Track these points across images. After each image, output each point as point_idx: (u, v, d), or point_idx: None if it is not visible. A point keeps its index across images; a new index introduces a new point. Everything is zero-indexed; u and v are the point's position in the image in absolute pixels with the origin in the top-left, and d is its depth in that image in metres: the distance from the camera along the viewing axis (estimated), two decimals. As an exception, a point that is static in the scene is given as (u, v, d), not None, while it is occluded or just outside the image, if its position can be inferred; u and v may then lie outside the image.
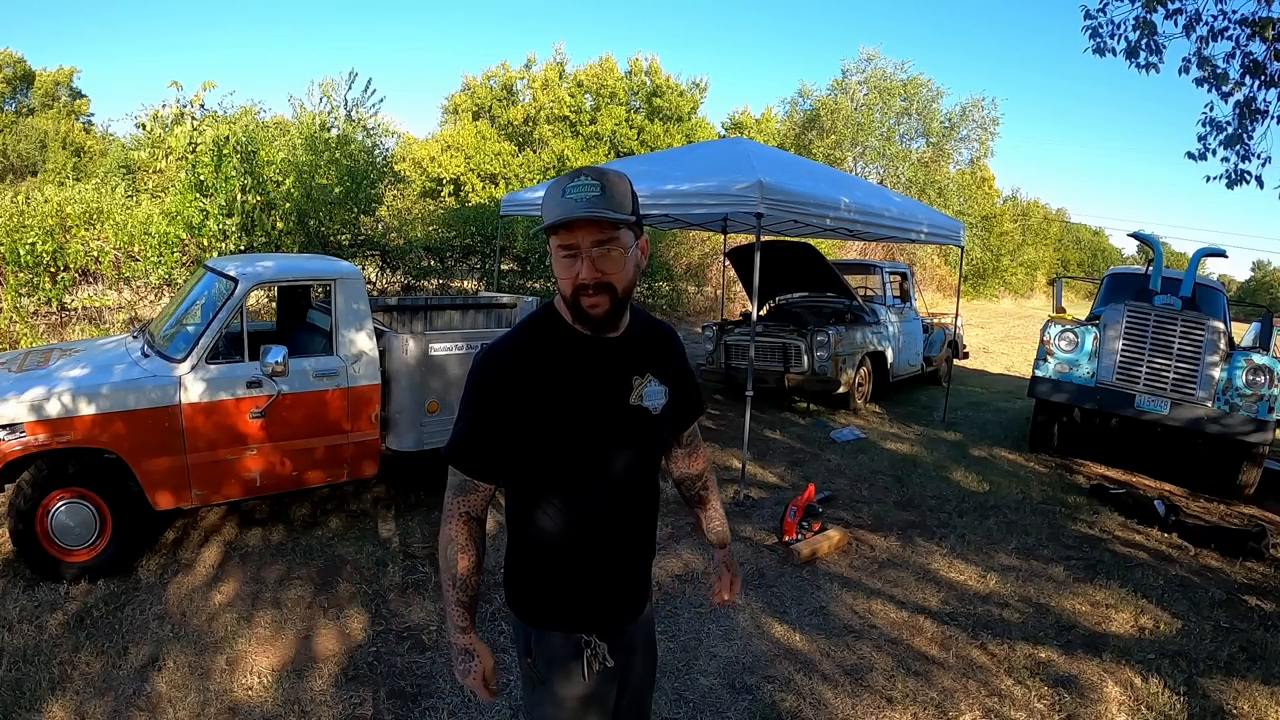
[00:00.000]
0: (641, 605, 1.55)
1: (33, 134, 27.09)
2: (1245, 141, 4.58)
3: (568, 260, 1.29)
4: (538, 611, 1.44)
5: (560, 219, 1.25)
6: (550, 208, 1.28)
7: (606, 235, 1.27)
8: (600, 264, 1.28)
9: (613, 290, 1.30)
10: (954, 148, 26.11)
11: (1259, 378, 5.41)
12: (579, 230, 1.26)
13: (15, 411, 3.13)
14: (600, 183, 1.26)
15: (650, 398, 1.43)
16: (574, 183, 1.27)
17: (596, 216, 1.24)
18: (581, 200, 1.25)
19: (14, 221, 6.73)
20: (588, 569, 1.43)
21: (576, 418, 1.36)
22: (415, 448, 4.18)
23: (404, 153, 22.13)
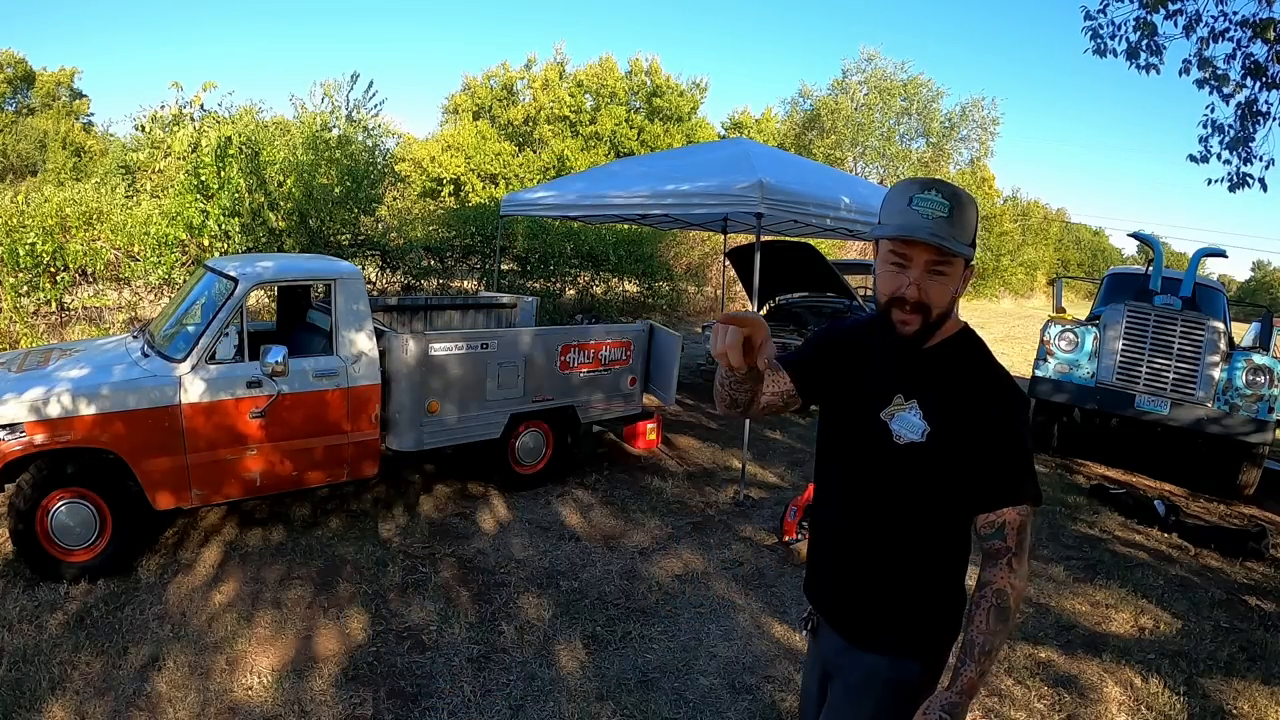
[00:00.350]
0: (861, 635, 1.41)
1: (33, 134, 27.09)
2: (1247, 144, 4.58)
3: (894, 270, 1.26)
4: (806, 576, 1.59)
5: (901, 234, 1.22)
6: (892, 213, 1.24)
7: (943, 260, 1.23)
8: (925, 285, 1.25)
9: (927, 312, 1.26)
10: (954, 148, 26.11)
11: (1259, 378, 5.41)
12: (917, 248, 1.23)
13: (15, 411, 3.13)
14: (951, 204, 1.21)
15: (901, 424, 1.32)
16: (924, 194, 1.21)
17: (940, 245, 1.20)
18: (928, 219, 1.20)
19: (14, 221, 6.72)
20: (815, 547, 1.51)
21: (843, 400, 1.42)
22: (415, 448, 4.18)
23: (404, 153, 22.13)
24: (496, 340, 4.41)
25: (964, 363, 1.33)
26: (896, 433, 1.31)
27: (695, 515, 4.54)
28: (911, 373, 1.34)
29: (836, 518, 1.44)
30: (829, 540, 1.47)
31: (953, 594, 1.39)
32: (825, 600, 1.49)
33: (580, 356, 4.81)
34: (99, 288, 7.59)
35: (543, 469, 4.86)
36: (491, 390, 4.40)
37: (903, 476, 1.32)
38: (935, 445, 1.29)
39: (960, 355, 1.34)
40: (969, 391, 1.30)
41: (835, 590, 1.46)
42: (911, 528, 1.34)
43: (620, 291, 12.98)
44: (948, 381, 1.31)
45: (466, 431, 4.36)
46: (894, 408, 1.33)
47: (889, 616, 1.38)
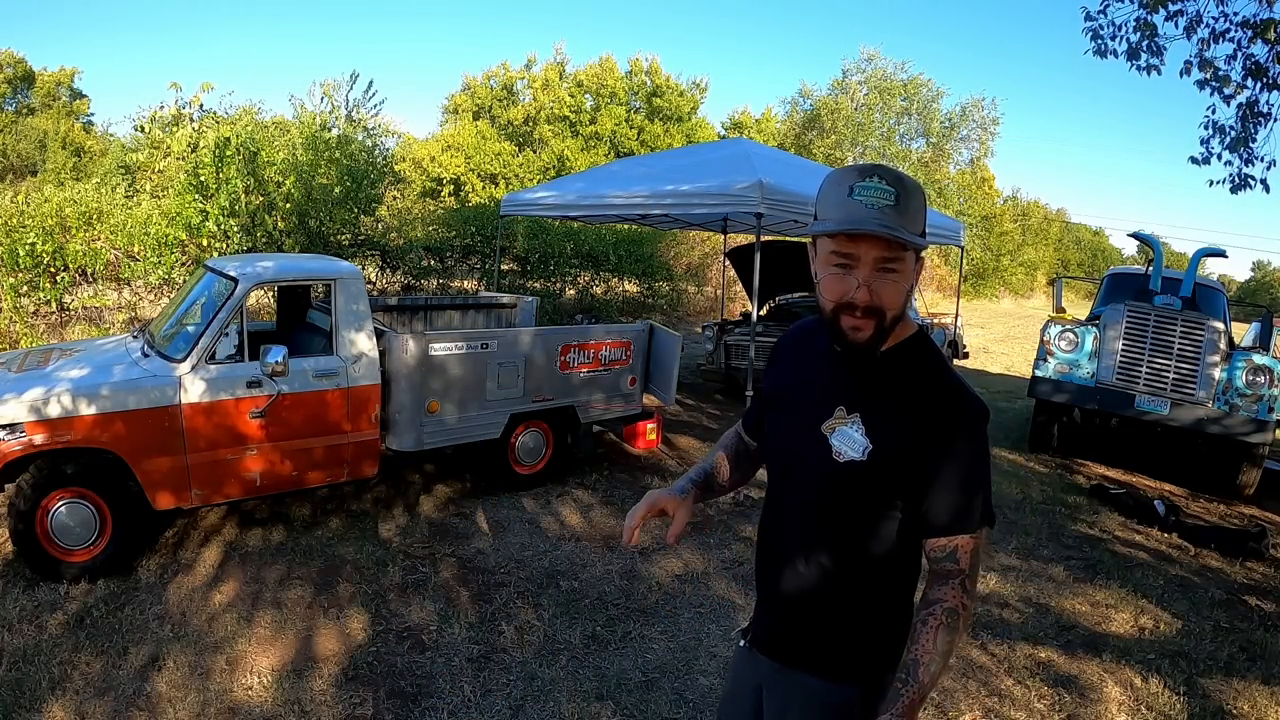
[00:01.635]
0: (799, 660, 1.30)
1: (33, 134, 27.09)
2: (1249, 145, 4.57)
3: (839, 273, 1.12)
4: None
5: (846, 229, 1.08)
6: (831, 206, 1.11)
7: (893, 255, 1.10)
8: (876, 286, 1.11)
9: (881, 316, 1.13)
10: (954, 148, 26.13)
11: (1259, 378, 5.41)
12: (863, 243, 1.09)
13: (15, 412, 3.12)
14: (897, 191, 1.08)
15: (841, 439, 1.19)
16: (865, 182, 1.08)
17: (890, 235, 1.06)
18: (872, 208, 1.07)
19: (14, 221, 6.72)
20: (759, 567, 1.39)
21: (785, 414, 1.32)
22: (415, 448, 4.18)
23: (404, 152, 22.15)
24: (496, 340, 4.41)
25: (914, 373, 1.20)
26: (836, 449, 1.19)
27: (695, 515, 4.54)
28: (856, 383, 1.21)
29: (775, 533, 1.34)
30: (767, 556, 1.36)
31: (897, 618, 1.27)
32: (761, 617, 1.39)
33: (580, 356, 4.81)
34: (99, 288, 7.59)
35: (543, 469, 4.86)
36: (491, 390, 4.40)
37: (842, 495, 1.21)
38: (877, 464, 1.17)
39: (910, 365, 1.20)
40: (918, 407, 1.17)
41: (770, 609, 1.36)
42: (851, 548, 1.23)
43: (620, 291, 12.98)
44: (895, 394, 1.18)
45: (466, 431, 4.36)
46: (835, 421, 1.20)
47: (826, 639, 1.28)
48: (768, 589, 1.36)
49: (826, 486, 1.22)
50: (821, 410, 1.23)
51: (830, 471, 1.20)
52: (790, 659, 1.31)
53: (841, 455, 1.19)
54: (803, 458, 1.25)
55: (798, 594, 1.29)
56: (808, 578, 1.27)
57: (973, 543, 1.17)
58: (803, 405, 1.27)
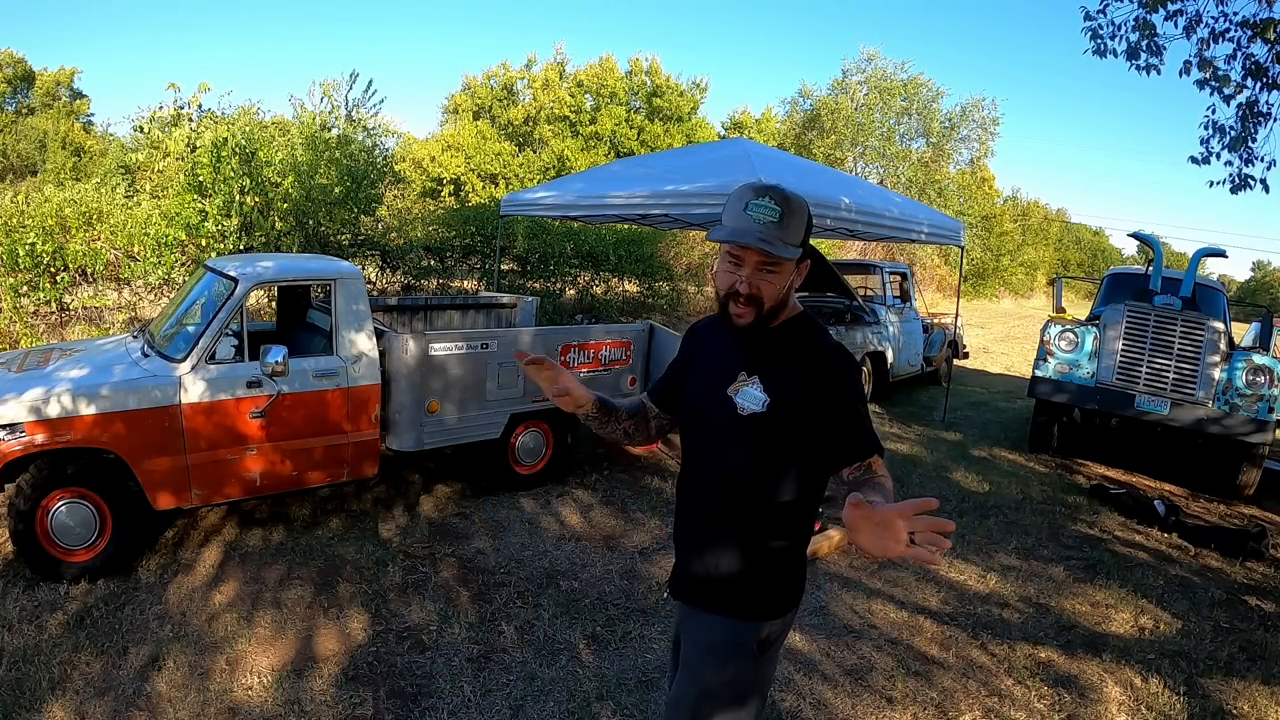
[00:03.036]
0: (705, 600, 1.53)
1: (33, 134, 27.08)
2: (1249, 145, 4.57)
3: (731, 267, 1.41)
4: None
5: (733, 239, 1.36)
6: (730, 216, 1.39)
7: (772, 261, 1.38)
8: (757, 281, 1.39)
9: (760, 305, 1.40)
10: (954, 148, 26.08)
11: (1259, 378, 5.41)
12: (748, 251, 1.37)
13: (15, 412, 3.12)
14: (782, 210, 1.35)
15: (744, 397, 1.44)
16: (759, 200, 1.36)
17: (766, 251, 1.35)
18: (758, 224, 1.35)
19: (14, 222, 6.72)
20: (676, 521, 1.63)
21: (696, 384, 1.57)
22: (415, 448, 4.18)
23: (404, 152, 22.13)
24: (496, 340, 4.41)
25: (799, 342, 1.46)
26: (740, 405, 1.43)
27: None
28: (754, 352, 1.47)
29: (689, 488, 1.57)
30: (683, 509, 1.60)
31: (794, 561, 1.52)
32: (678, 566, 1.62)
33: (580, 356, 4.81)
34: (99, 288, 7.58)
35: (543, 469, 4.86)
36: (491, 390, 4.40)
37: (747, 444, 1.44)
38: (775, 415, 1.41)
39: (795, 336, 1.47)
40: (804, 366, 1.43)
41: (686, 557, 1.58)
42: (755, 494, 1.45)
43: (620, 291, 12.97)
44: (785, 359, 1.44)
45: (466, 431, 4.36)
46: (738, 384, 1.46)
47: (733, 580, 1.49)
48: (684, 539, 1.59)
49: (733, 437, 1.45)
50: (727, 376, 1.48)
51: (736, 424, 1.44)
52: (702, 601, 1.54)
53: (744, 409, 1.43)
54: (712, 415, 1.49)
55: (709, 540, 1.52)
56: (718, 524, 1.50)
57: (880, 461, 1.38)
58: (711, 374, 1.52)
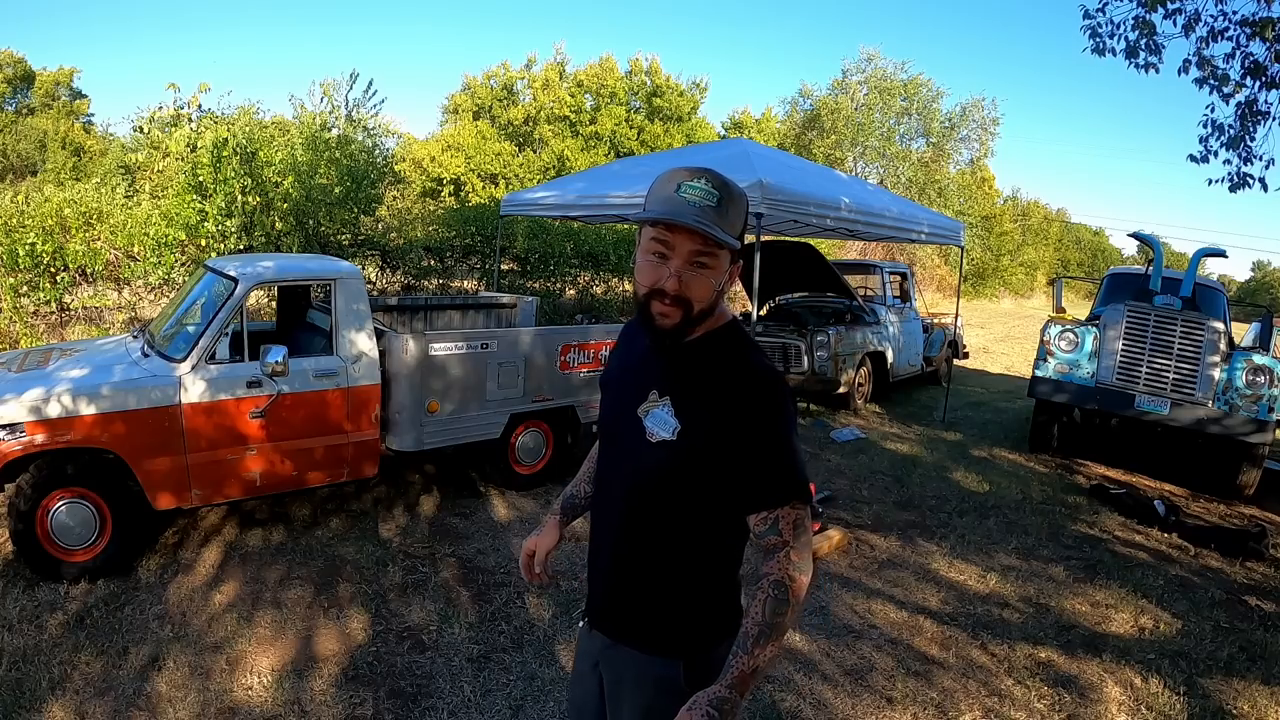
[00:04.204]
0: (627, 634, 1.35)
1: (33, 134, 27.08)
2: (1247, 143, 4.58)
3: (655, 260, 1.19)
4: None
5: (665, 217, 1.15)
6: (657, 198, 1.18)
7: (707, 250, 1.17)
8: (686, 278, 1.18)
9: (689, 307, 1.19)
10: (954, 148, 26.07)
11: (1259, 378, 5.41)
12: (680, 235, 1.16)
13: (15, 412, 3.12)
14: (720, 194, 1.16)
15: (654, 421, 1.26)
16: (693, 182, 1.16)
17: (705, 231, 1.13)
18: (694, 206, 1.14)
19: (14, 222, 6.72)
20: (590, 544, 1.45)
21: (607, 400, 1.41)
22: (415, 448, 4.18)
23: (404, 152, 22.12)
24: (496, 340, 4.41)
25: (721, 359, 1.25)
26: (649, 430, 1.26)
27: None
28: (668, 369, 1.28)
29: (600, 511, 1.41)
30: (594, 533, 1.42)
31: (717, 593, 1.33)
32: (591, 592, 1.44)
33: (580, 356, 4.81)
34: (99, 288, 7.59)
35: (543, 469, 4.86)
36: (491, 390, 4.40)
37: (657, 474, 1.26)
38: (686, 444, 1.22)
39: (718, 351, 1.26)
40: (724, 389, 1.22)
41: (597, 584, 1.41)
42: (667, 525, 1.28)
43: (620, 291, 12.97)
44: (702, 378, 1.24)
45: (466, 431, 4.36)
46: (648, 404, 1.27)
47: (647, 613, 1.33)
48: (595, 565, 1.42)
49: (642, 465, 1.28)
50: (639, 394, 1.30)
51: (644, 451, 1.27)
52: (617, 633, 1.37)
53: (654, 436, 1.25)
54: (622, 438, 1.33)
55: (620, 569, 1.35)
56: (628, 553, 1.33)
57: (792, 514, 1.21)
58: (625, 390, 1.34)
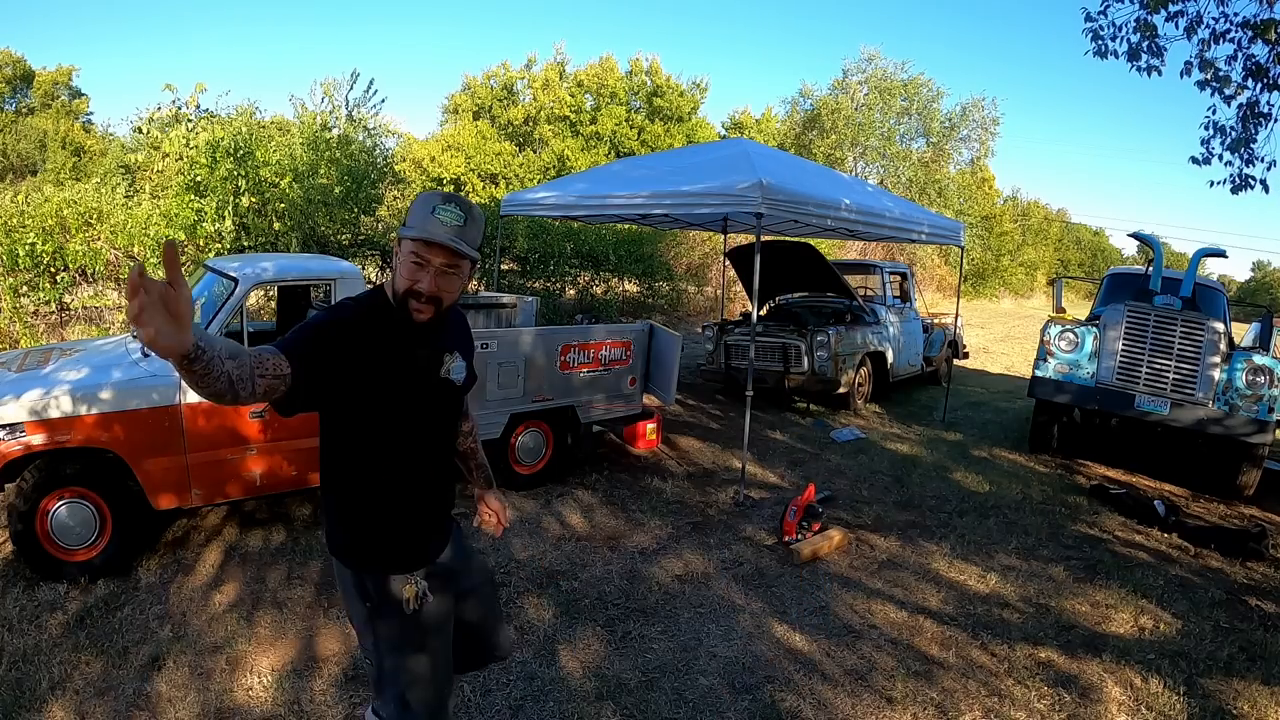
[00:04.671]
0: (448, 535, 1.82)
1: (32, 134, 27.08)
2: (1249, 146, 4.58)
3: (414, 266, 1.50)
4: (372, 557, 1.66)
5: (422, 238, 1.47)
6: (417, 220, 1.49)
7: (454, 262, 1.51)
8: (440, 282, 1.51)
9: (439, 304, 1.54)
10: (954, 148, 26.10)
11: (1259, 378, 5.41)
12: (435, 250, 1.48)
13: (15, 412, 3.12)
14: (466, 216, 1.50)
15: (456, 372, 1.69)
16: (445, 206, 1.49)
17: (454, 248, 1.48)
18: (446, 226, 1.48)
19: (14, 222, 6.72)
20: (411, 515, 1.69)
21: (400, 385, 1.58)
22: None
23: (404, 152, 22.12)
24: (496, 340, 4.40)
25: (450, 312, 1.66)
26: (457, 379, 1.69)
27: (695, 515, 4.54)
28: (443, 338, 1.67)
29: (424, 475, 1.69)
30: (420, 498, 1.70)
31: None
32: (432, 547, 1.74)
33: (580, 357, 4.81)
34: (99, 288, 7.59)
35: (543, 469, 4.86)
36: (491, 390, 4.40)
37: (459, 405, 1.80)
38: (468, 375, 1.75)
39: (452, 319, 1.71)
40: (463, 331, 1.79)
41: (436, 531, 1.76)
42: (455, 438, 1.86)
43: (620, 291, 12.98)
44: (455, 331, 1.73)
45: (467, 431, 4.36)
46: (447, 364, 1.66)
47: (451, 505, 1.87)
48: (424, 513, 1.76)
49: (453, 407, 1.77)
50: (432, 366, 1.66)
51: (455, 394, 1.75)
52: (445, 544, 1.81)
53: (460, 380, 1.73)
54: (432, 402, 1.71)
55: (444, 496, 1.81)
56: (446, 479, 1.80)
57: None
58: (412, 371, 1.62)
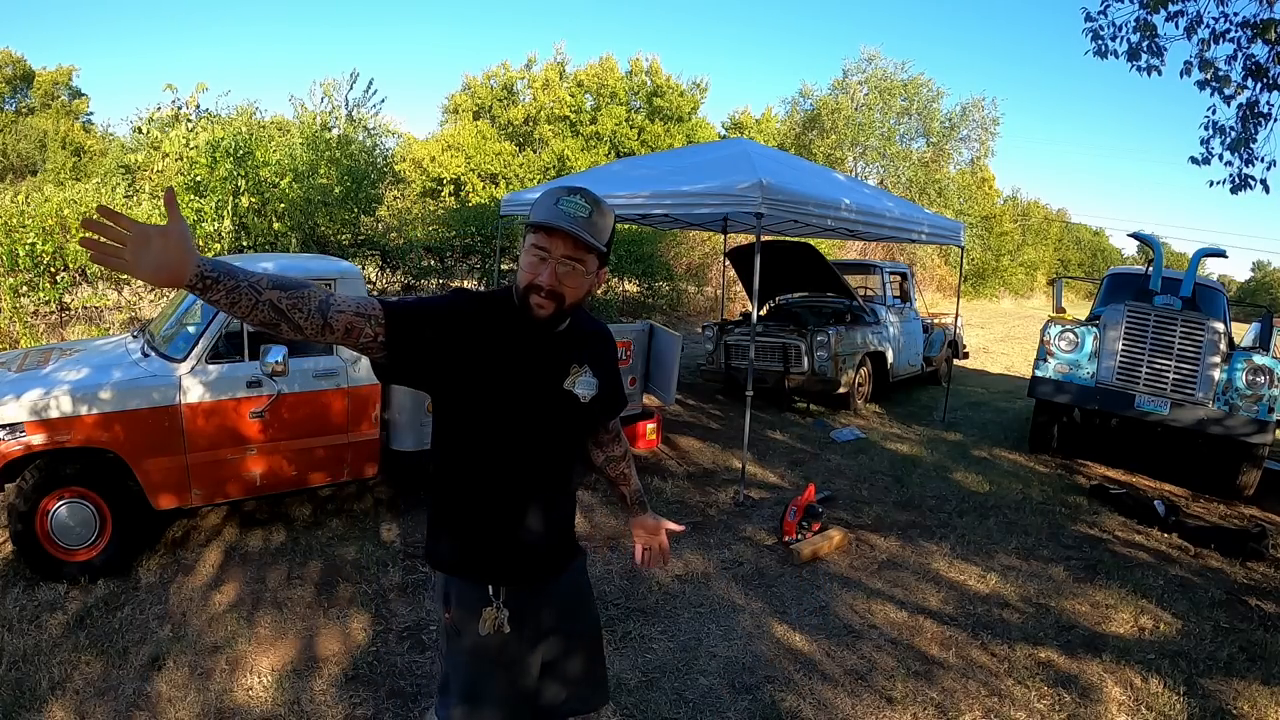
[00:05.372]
0: (559, 567, 1.63)
1: (32, 134, 27.06)
2: (1249, 146, 4.58)
3: (535, 260, 1.41)
4: (449, 560, 1.55)
5: (545, 222, 1.39)
6: (540, 209, 1.42)
7: (577, 253, 1.41)
8: (561, 275, 1.41)
9: (561, 300, 1.43)
10: (954, 148, 26.09)
11: (1259, 378, 5.41)
12: (557, 239, 1.39)
13: (15, 412, 3.12)
14: (591, 209, 1.42)
15: (582, 386, 1.55)
16: (570, 198, 1.41)
17: (576, 234, 1.38)
18: (570, 216, 1.39)
19: (14, 222, 6.72)
20: (501, 527, 1.53)
21: (511, 386, 1.48)
22: (415, 448, 4.18)
23: (404, 152, 22.12)
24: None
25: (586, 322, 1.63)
26: (581, 394, 1.54)
27: (695, 515, 4.54)
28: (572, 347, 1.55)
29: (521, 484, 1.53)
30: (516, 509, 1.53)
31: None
32: (517, 563, 1.55)
33: (580, 356, 4.80)
34: (99, 288, 7.59)
35: (543, 469, 4.85)
36: (492, 390, 4.39)
37: (581, 424, 1.60)
38: (601, 394, 1.58)
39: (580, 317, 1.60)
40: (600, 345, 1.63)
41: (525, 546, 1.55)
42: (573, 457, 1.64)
43: (620, 291, 12.98)
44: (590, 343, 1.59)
45: (467, 431, 4.35)
46: (573, 376, 1.54)
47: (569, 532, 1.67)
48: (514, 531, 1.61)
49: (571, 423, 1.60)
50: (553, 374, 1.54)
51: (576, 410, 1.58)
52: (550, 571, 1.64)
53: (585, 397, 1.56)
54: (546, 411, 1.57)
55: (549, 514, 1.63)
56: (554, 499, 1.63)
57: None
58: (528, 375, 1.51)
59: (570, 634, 1.66)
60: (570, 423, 1.57)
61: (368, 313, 1.33)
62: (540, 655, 1.59)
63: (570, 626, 1.65)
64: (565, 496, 1.65)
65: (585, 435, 1.70)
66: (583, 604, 1.72)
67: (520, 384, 1.49)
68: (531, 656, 1.57)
